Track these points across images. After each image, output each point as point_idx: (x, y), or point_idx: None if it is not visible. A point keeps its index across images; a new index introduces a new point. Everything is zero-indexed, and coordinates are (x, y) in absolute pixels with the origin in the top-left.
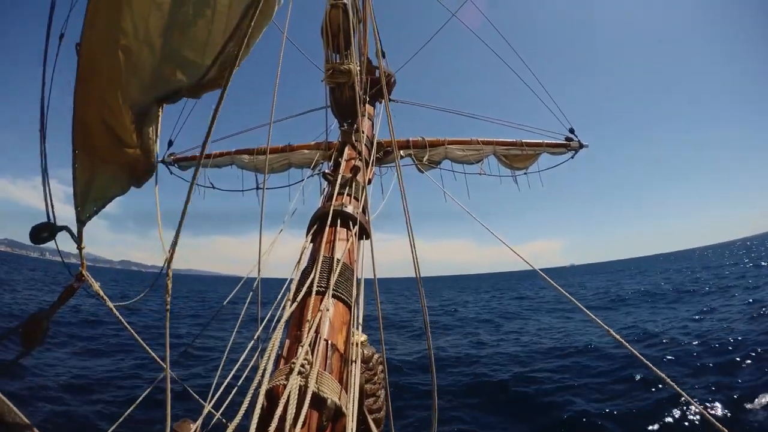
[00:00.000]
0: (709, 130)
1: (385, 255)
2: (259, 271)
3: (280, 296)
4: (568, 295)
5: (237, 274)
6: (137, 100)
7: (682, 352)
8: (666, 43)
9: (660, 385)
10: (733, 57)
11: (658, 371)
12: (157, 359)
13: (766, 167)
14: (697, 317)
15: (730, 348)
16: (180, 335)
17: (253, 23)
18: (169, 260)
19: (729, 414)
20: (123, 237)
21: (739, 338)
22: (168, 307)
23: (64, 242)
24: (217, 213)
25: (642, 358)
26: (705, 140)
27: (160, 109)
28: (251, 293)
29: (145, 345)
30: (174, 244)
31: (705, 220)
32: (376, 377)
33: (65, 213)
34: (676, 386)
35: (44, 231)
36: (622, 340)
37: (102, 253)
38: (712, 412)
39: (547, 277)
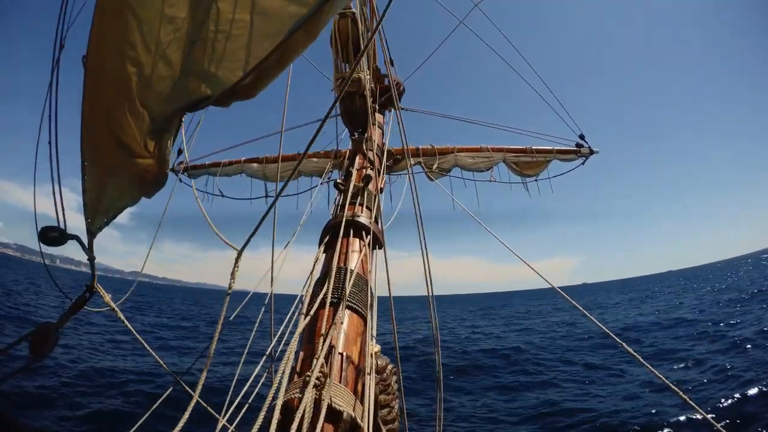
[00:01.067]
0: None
1: (398, 275)
2: (272, 282)
3: (293, 308)
4: (592, 317)
5: (245, 288)
6: (158, 112)
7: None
8: (698, 42)
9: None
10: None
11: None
12: (168, 370)
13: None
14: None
15: None
16: (190, 348)
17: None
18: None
19: None
20: (135, 248)
21: None
22: (218, 328)
23: (75, 251)
24: (225, 223)
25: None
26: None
27: (182, 119)
28: (263, 307)
29: (156, 356)
30: (236, 260)
31: (712, 236)
32: (390, 388)
33: (77, 222)
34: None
35: (54, 233)
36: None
37: (113, 263)
38: None
39: (567, 296)
